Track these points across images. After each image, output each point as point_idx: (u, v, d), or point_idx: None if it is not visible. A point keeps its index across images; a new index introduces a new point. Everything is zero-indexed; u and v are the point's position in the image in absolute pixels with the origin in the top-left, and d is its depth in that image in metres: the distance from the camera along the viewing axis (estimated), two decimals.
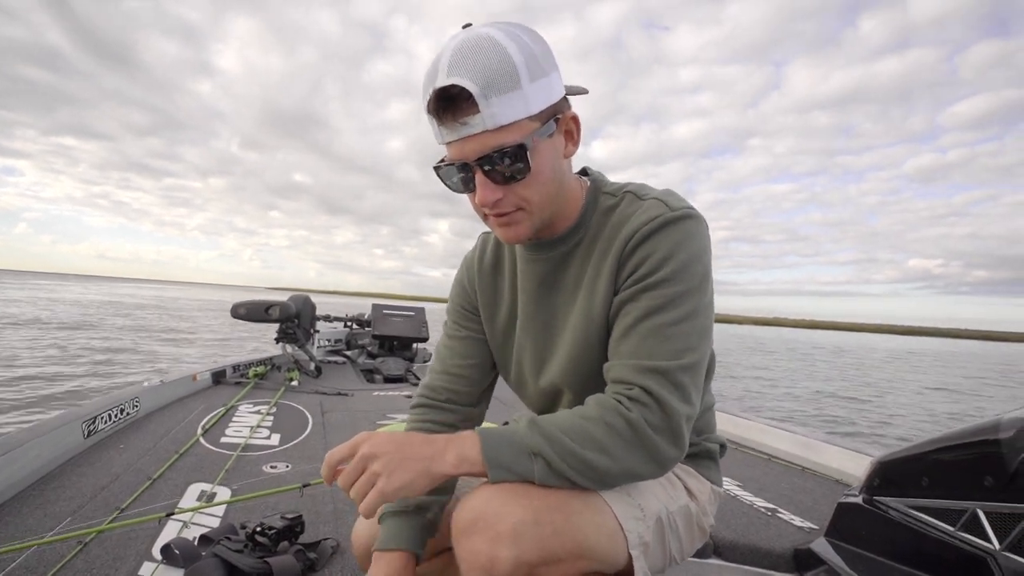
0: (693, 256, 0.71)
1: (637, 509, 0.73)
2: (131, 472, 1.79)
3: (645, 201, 0.76)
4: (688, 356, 0.67)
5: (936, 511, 1.05)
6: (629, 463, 0.65)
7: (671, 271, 0.69)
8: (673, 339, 0.67)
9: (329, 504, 1.63)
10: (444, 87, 0.63)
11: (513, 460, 0.65)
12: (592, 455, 0.64)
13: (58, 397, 5.63)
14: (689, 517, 0.82)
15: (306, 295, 4.43)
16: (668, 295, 0.69)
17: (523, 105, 0.65)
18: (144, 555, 1.26)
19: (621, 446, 0.64)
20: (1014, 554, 0.89)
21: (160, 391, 2.73)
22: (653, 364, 0.66)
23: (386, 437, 0.65)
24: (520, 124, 0.65)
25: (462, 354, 0.92)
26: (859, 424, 7.90)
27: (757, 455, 2.48)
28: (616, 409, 0.65)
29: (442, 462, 0.64)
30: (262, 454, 2.11)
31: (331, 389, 3.48)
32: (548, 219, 0.76)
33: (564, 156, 0.74)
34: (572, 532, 0.65)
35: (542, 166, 0.69)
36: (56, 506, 1.48)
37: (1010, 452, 0.91)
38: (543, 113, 0.68)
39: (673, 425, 0.65)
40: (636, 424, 0.64)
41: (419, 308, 5.45)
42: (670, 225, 0.71)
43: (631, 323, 0.70)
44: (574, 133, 0.74)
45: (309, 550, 1.28)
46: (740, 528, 1.56)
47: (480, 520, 0.63)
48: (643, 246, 0.71)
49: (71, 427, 1.91)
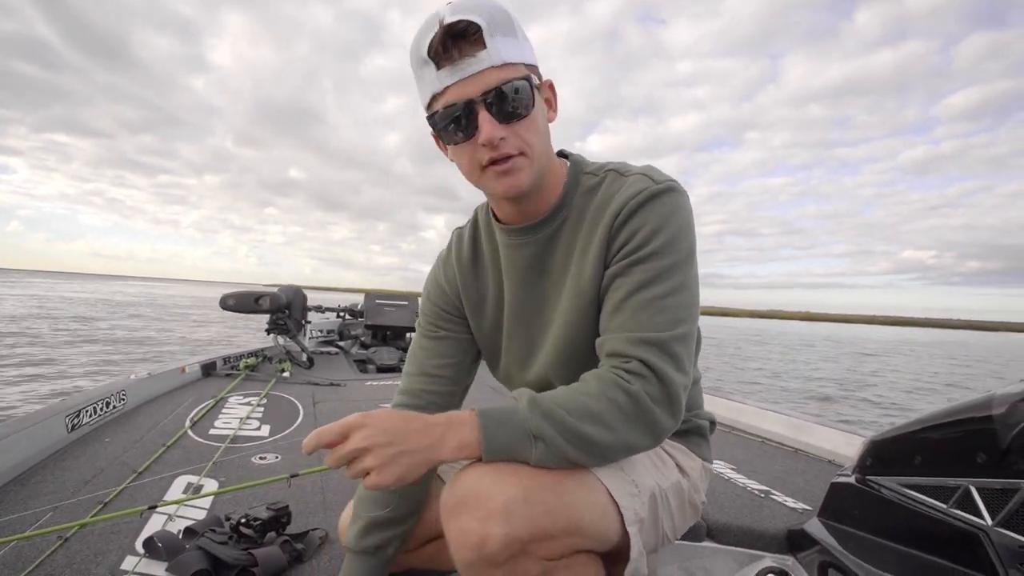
0: (681, 229, 0.71)
1: (632, 485, 0.72)
2: (116, 465, 1.76)
3: (628, 177, 0.75)
4: (681, 327, 0.68)
5: (929, 489, 1.04)
6: (629, 436, 0.65)
7: (661, 244, 0.70)
8: (665, 311, 0.68)
9: (317, 494, 1.61)
10: (452, 23, 0.64)
11: (512, 443, 0.63)
12: (593, 431, 0.63)
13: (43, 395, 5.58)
14: (681, 494, 0.82)
15: (297, 286, 4.39)
16: (658, 268, 0.69)
17: (520, 51, 0.69)
18: (127, 549, 1.24)
19: (622, 420, 0.64)
20: (1007, 529, 0.88)
21: (148, 383, 2.69)
22: (648, 336, 0.66)
23: (381, 424, 0.61)
24: (520, 67, 0.69)
25: (440, 354, 0.91)
26: (853, 405, 7.99)
27: (750, 438, 2.48)
28: (616, 382, 0.65)
29: (441, 450, 0.62)
30: (251, 445, 2.09)
31: (323, 380, 3.45)
32: (542, 178, 0.75)
33: (550, 119, 0.76)
34: (564, 510, 0.64)
35: (538, 114, 0.71)
36: (37, 501, 1.45)
37: (1002, 428, 0.90)
38: (533, 68, 0.71)
39: (671, 395, 0.66)
40: (637, 396, 0.64)
41: (412, 298, 5.42)
42: (656, 198, 0.71)
43: (623, 296, 0.70)
44: (552, 100, 0.76)
45: (296, 541, 1.26)
46: (733, 510, 1.55)
47: (470, 499, 0.62)
48: (632, 220, 0.71)
49: (55, 420, 1.87)
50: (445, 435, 0.63)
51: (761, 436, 2.48)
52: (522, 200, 0.77)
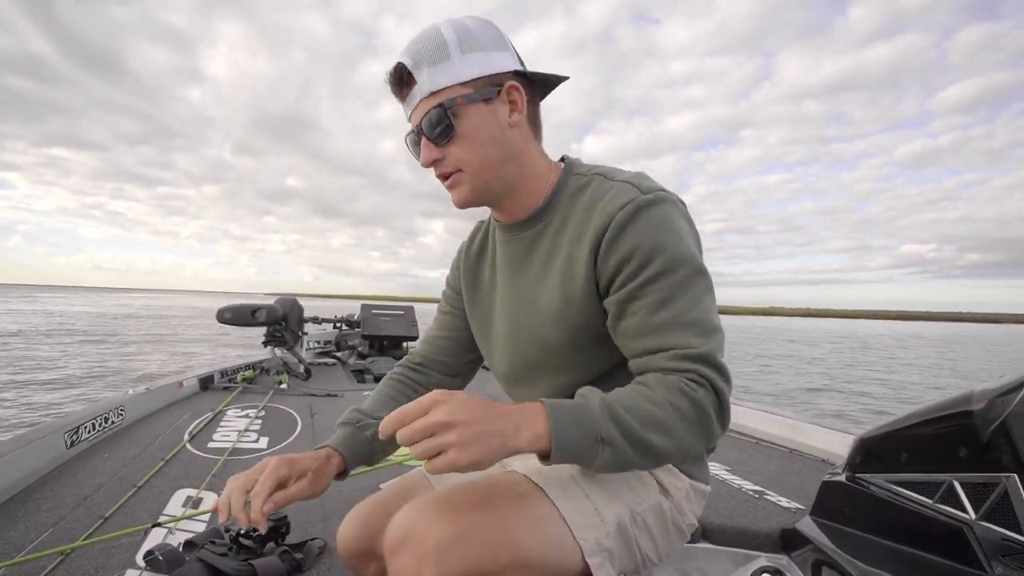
0: (680, 238, 0.70)
1: (593, 515, 0.71)
2: (115, 480, 1.77)
3: (615, 183, 0.75)
4: (715, 336, 0.69)
5: (915, 485, 1.06)
6: (687, 444, 0.66)
7: (667, 260, 0.69)
8: (697, 324, 0.68)
9: (316, 504, 1.62)
10: (392, 68, 0.74)
11: (582, 444, 0.62)
12: (657, 439, 0.63)
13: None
14: (662, 515, 0.79)
15: (293, 297, 4.40)
16: (674, 284, 0.69)
17: (453, 73, 0.72)
18: (128, 563, 1.24)
19: (684, 428, 0.64)
20: (989, 523, 0.90)
21: (146, 399, 2.69)
22: (693, 352, 0.66)
23: (462, 404, 0.60)
24: (451, 89, 0.72)
25: (443, 326, 1.01)
26: (853, 401, 7.98)
27: (745, 439, 2.50)
28: (681, 389, 0.65)
29: (517, 439, 0.61)
30: (250, 458, 2.09)
31: (321, 391, 3.46)
32: (496, 186, 0.79)
33: (509, 125, 0.76)
34: (507, 546, 0.63)
35: (473, 128, 0.74)
36: (37, 517, 1.46)
37: (982, 423, 0.92)
38: (477, 81, 0.73)
39: (723, 404, 0.66)
40: (701, 405, 0.64)
41: (408, 307, 5.43)
42: (645, 211, 0.71)
43: (645, 319, 0.69)
44: (517, 102, 0.77)
45: (295, 551, 1.27)
46: (728, 511, 1.57)
47: (406, 539, 0.62)
48: (623, 237, 0.71)
49: (53, 437, 1.88)
50: (521, 424, 0.62)
51: (755, 437, 2.51)
52: (495, 204, 0.83)
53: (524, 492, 0.70)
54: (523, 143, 0.79)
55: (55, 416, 2.32)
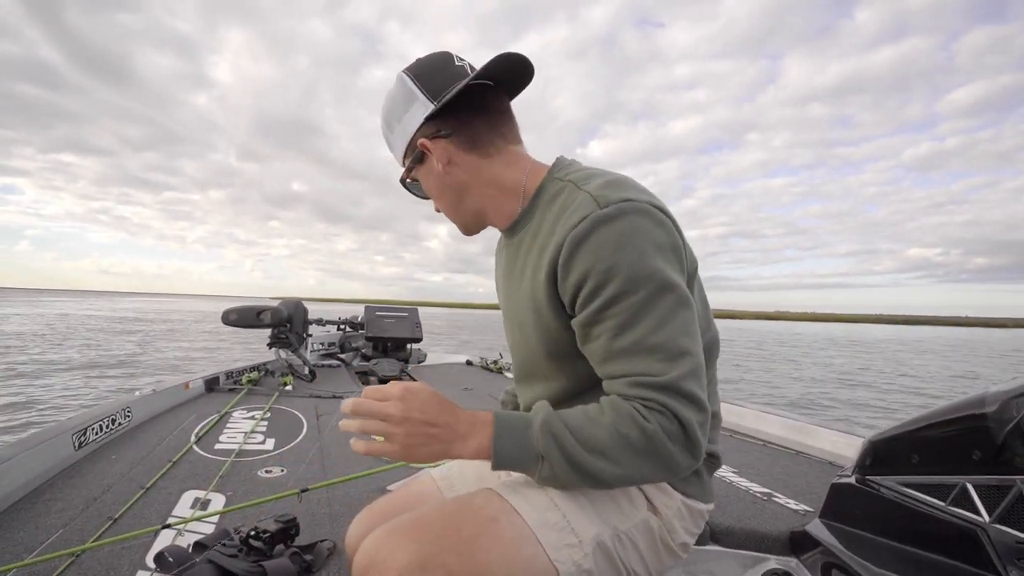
0: (640, 254, 0.64)
1: (570, 534, 0.68)
2: (124, 482, 1.77)
3: (580, 194, 0.71)
4: (684, 361, 0.63)
5: (927, 487, 1.05)
6: (639, 472, 0.63)
7: (624, 281, 0.64)
8: (661, 350, 0.63)
9: (324, 506, 1.62)
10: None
11: (520, 458, 0.64)
12: (599, 464, 0.62)
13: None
14: (651, 533, 0.76)
15: (298, 299, 4.41)
16: (634, 306, 0.64)
17: (397, 151, 0.84)
18: (138, 564, 1.25)
19: (631, 456, 0.62)
20: (1003, 525, 0.90)
21: (152, 400, 2.70)
22: (654, 380, 0.62)
23: (419, 402, 0.65)
24: (403, 166, 0.84)
25: None
26: (859, 405, 7.94)
27: (752, 441, 2.49)
28: (632, 417, 0.62)
29: (463, 448, 0.65)
30: (257, 459, 2.10)
31: (326, 392, 3.46)
32: (470, 217, 0.86)
33: (443, 172, 0.80)
34: (473, 569, 0.62)
35: (427, 188, 0.85)
36: (47, 519, 1.46)
37: (996, 425, 0.92)
38: (407, 151, 0.82)
39: (689, 435, 0.62)
40: (653, 435, 0.61)
41: (412, 309, 5.43)
42: (599, 228, 0.65)
43: (607, 345, 0.66)
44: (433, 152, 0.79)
45: (305, 552, 1.27)
46: (736, 513, 1.57)
47: (371, 566, 0.63)
48: (577, 257, 0.66)
49: (61, 439, 1.89)
50: (469, 434, 0.64)
51: (762, 439, 2.50)
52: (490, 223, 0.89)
53: (495, 514, 0.68)
54: (471, 173, 0.80)
55: (64, 417, 2.32)
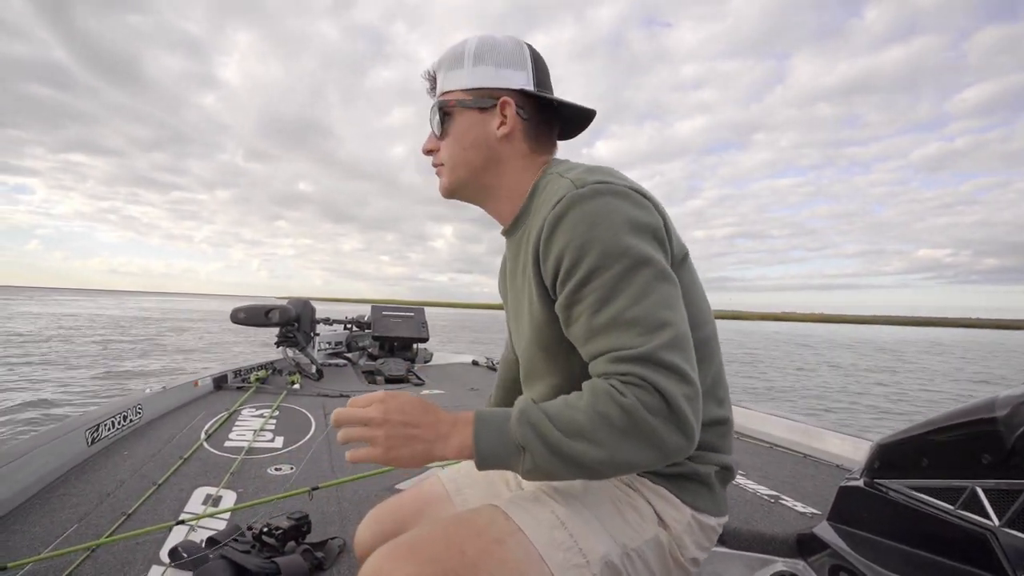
0: (615, 230, 0.64)
1: (577, 555, 0.66)
2: (136, 478, 1.80)
3: (562, 180, 0.71)
4: (664, 332, 0.61)
5: (936, 491, 1.05)
6: (625, 454, 0.59)
7: (599, 256, 0.64)
8: (639, 322, 0.62)
9: (334, 504, 1.64)
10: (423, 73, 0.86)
11: (501, 453, 0.63)
12: (581, 447, 0.60)
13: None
14: (661, 549, 0.73)
15: (306, 299, 4.44)
16: (610, 281, 0.63)
17: (460, 80, 0.80)
18: (152, 559, 1.27)
19: (614, 436, 0.59)
20: (1013, 529, 0.90)
21: (162, 398, 2.73)
22: (630, 353, 0.60)
23: (399, 405, 0.65)
24: (454, 93, 0.81)
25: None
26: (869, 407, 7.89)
27: (759, 443, 2.49)
28: (608, 393, 0.60)
29: (445, 447, 0.65)
30: (266, 457, 2.12)
31: (333, 391, 3.49)
32: (472, 186, 0.85)
33: (497, 135, 0.80)
34: None
35: (461, 131, 0.81)
36: (62, 513, 1.49)
37: (1006, 430, 0.92)
38: (477, 91, 0.80)
39: (673, 408, 0.58)
40: (631, 409, 0.58)
41: (418, 309, 5.45)
42: (575, 207, 0.66)
43: (586, 324, 0.65)
44: (508, 117, 0.80)
45: (316, 549, 1.29)
46: (744, 516, 1.57)
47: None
48: (554, 238, 0.67)
49: (75, 435, 1.91)
50: (450, 434, 0.64)
51: (770, 442, 2.50)
52: (478, 203, 0.88)
53: (500, 535, 0.66)
54: (510, 155, 0.81)
55: (77, 414, 2.35)
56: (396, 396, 0.66)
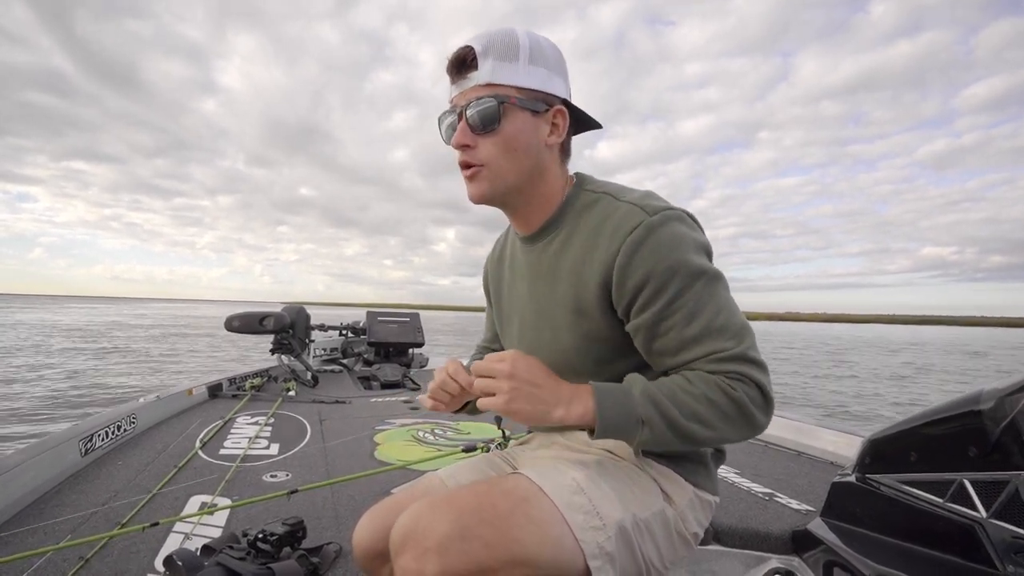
0: (691, 253, 0.73)
1: (595, 517, 0.72)
2: (131, 487, 1.79)
3: (623, 204, 0.77)
4: (747, 335, 0.72)
5: (925, 484, 1.07)
6: (727, 434, 0.71)
7: (685, 276, 0.72)
8: (727, 329, 0.71)
9: (329, 509, 1.64)
10: (459, 48, 0.75)
11: (622, 424, 0.70)
12: (696, 427, 0.69)
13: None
14: (667, 523, 0.80)
15: (300, 305, 4.43)
16: (696, 297, 0.72)
17: (514, 75, 0.74)
18: (147, 567, 1.26)
19: (723, 420, 0.69)
20: (1000, 520, 0.91)
21: (157, 406, 2.72)
22: (729, 353, 0.70)
23: (527, 365, 0.71)
24: (507, 88, 0.74)
25: (490, 316, 1.09)
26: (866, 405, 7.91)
27: (753, 441, 2.51)
28: (720, 386, 0.69)
29: (567, 412, 0.70)
30: (262, 464, 2.11)
31: (328, 397, 3.48)
32: (513, 193, 0.81)
33: (546, 143, 0.79)
34: (507, 544, 0.65)
35: (515, 131, 0.76)
36: (56, 524, 1.48)
37: (991, 423, 0.93)
38: (533, 92, 0.76)
39: (767, 397, 0.71)
40: (741, 402, 0.69)
41: (414, 314, 5.45)
42: (654, 234, 0.72)
43: (679, 335, 0.72)
44: (559, 126, 0.80)
45: (312, 555, 1.29)
46: (738, 513, 1.58)
47: (409, 537, 0.65)
48: (636, 263, 0.72)
49: (68, 445, 1.90)
50: (572, 400, 0.70)
51: (763, 440, 2.51)
52: (507, 209, 0.86)
53: (526, 494, 0.71)
54: (550, 163, 0.82)
55: (71, 424, 2.34)
56: (525, 357, 0.72)
